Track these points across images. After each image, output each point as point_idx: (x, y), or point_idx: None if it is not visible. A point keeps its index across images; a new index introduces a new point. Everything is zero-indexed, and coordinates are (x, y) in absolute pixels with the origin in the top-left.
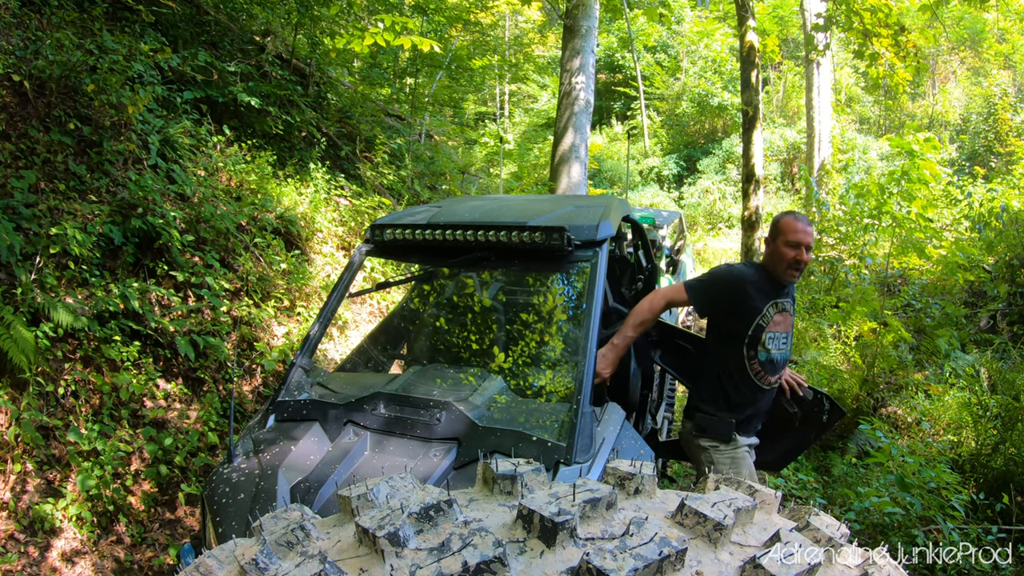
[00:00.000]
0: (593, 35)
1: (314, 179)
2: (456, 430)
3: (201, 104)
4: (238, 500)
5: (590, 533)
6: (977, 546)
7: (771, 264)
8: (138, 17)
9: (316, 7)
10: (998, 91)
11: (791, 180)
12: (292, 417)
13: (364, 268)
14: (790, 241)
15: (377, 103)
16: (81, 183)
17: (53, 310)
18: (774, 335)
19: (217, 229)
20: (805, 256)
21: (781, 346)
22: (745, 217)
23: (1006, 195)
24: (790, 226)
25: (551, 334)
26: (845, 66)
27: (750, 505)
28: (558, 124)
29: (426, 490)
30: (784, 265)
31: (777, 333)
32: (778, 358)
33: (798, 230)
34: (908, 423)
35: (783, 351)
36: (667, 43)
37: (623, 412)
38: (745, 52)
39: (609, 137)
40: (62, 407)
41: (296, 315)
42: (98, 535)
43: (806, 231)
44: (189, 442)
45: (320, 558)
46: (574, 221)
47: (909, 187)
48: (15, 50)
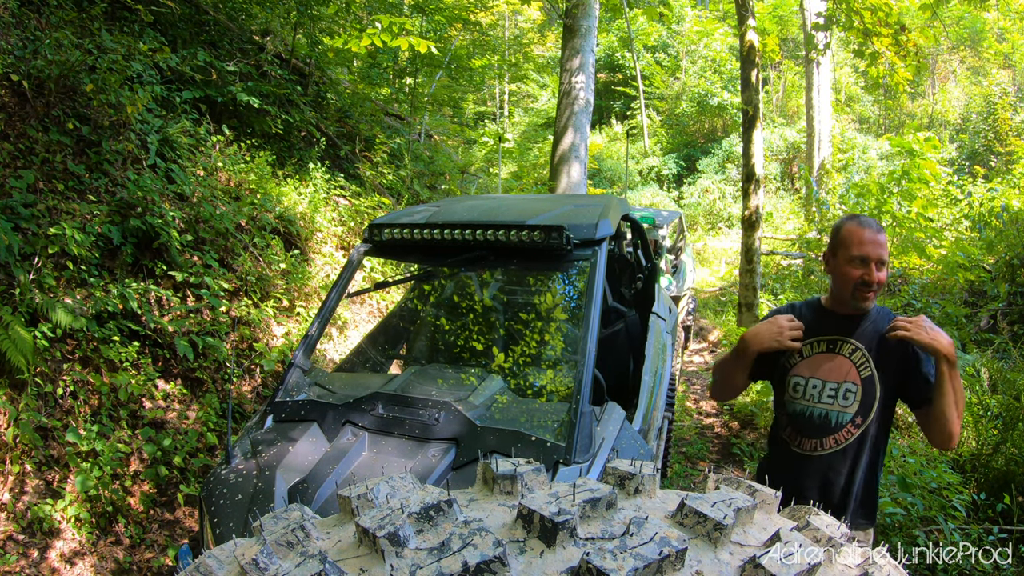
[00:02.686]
0: (593, 34)
1: (313, 179)
2: (455, 430)
3: (200, 104)
4: (236, 501)
5: (590, 533)
6: (978, 546)
7: (835, 288)
8: (137, 17)
9: (315, 6)
10: (998, 91)
11: (791, 180)
12: (290, 418)
13: (363, 268)
14: (854, 256)
15: (376, 103)
16: (80, 183)
17: (52, 310)
18: (810, 382)
19: (216, 229)
20: (876, 275)
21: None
22: (745, 217)
23: (1006, 194)
24: (854, 236)
25: (550, 333)
26: (845, 65)
27: (750, 505)
28: (558, 123)
29: (426, 490)
30: (850, 288)
31: (817, 380)
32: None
33: (864, 241)
34: (909, 423)
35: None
36: (667, 43)
37: (623, 412)
38: (745, 51)
39: (609, 137)
40: (61, 408)
41: (295, 315)
42: (97, 536)
43: (876, 241)
44: (188, 443)
45: (320, 558)
46: (573, 220)
47: (909, 187)
48: (14, 50)
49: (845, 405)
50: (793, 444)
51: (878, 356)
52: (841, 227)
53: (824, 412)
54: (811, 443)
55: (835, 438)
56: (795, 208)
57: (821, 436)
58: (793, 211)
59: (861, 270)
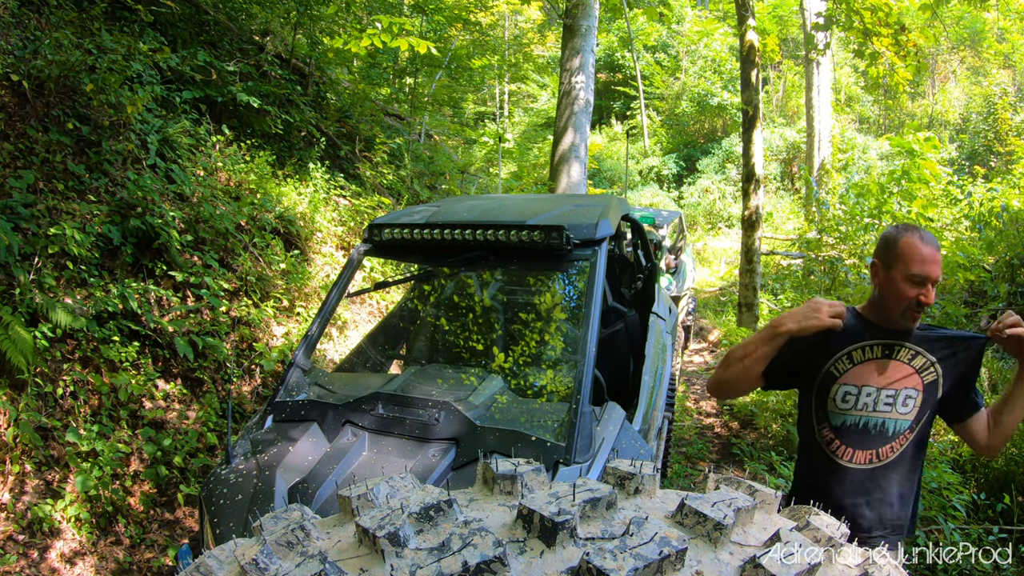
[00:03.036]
0: (593, 34)
1: (313, 179)
2: (455, 430)
3: (200, 104)
4: (236, 501)
5: (590, 533)
6: (978, 546)
7: (882, 303)
8: (137, 17)
9: (315, 6)
10: (998, 91)
11: (791, 180)
12: (290, 418)
13: (363, 268)
14: (914, 275)
15: (376, 103)
16: (80, 183)
17: (52, 310)
18: (863, 390)
19: (216, 229)
20: (931, 296)
21: (883, 407)
22: (745, 217)
23: (1006, 194)
24: (914, 252)
25: (550, 333)
26: (845, 65)
27: (750, 505)
28: (558, 123)
29: (426, 490)
30: (902, 307)
31: (871, 388)
32: (873, 424)
33: (926, 259)
34: None
35: (884, 415)
36: (667, 43)
37: (623, 412)
38: (745, 51)
39: (609, 137)
40: (61, 408)
41: (295, 315)
42: (97, 536)
43: (935, 259)
44: (188, 443)
45: (320, 558)
46: (573, 220)
47: (909, 186)
48: (14, 50)
49: (904, 412)
50: (842, 458)
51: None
52: (899, 239)
53: (881, 421)
54: (866, 455)
55: (891, 447)
56: (795, 208)
57: (877, 447)
58: (793, 211)
59: (918, 290)
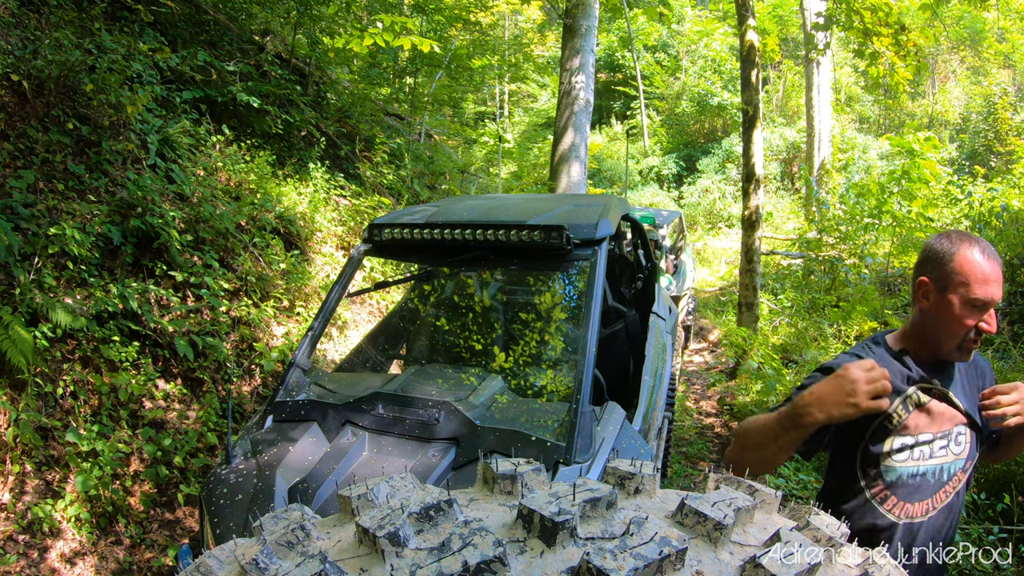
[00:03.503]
0: (593, 34)
1: (313, 179)
2: (455, 430)
3: (200, 104)
4: (236, 501)
5: (590, 533)
6: (978, 546)
7: (932, 332)
8: (137, 16)
9: (315, 6)
10: (998, 90)
11: (791, 179)
12: (290, 418)
13: (363, 268)
14: (976, 299)
15: (376, 102)
16: (80, 183)
17: (52, 310)
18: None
19: (216, 229)
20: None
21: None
22: (745, 216)
23: (1006, 194)
24: (975, 270)
25: (550, 333)
26: (845, 65)
27: (750, 505)
28: (558, 123)
29: (426, 490)
30: (959, 338)
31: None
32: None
33: (990, 279)
34: None
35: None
36: (667, 42)
37: (623, 412)
38: (745, 51)
39: (609, 136)
40: (61, 408)
41: (295, 315)
42: (97, 536)
43: (999, 278)
44: (188, 443)
45: (320, 558)
46: (573, 220)
47: (909, 186)
48: (14, 50)
49: (958, 452)
50: (896, 514)
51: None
52: (954, 254)
53: (939, 468)
54: (922, 507)
55: (945, 491)
56: (795, 208)
57: (933, 494)
58: (793, 211)
59: (978, 317)
